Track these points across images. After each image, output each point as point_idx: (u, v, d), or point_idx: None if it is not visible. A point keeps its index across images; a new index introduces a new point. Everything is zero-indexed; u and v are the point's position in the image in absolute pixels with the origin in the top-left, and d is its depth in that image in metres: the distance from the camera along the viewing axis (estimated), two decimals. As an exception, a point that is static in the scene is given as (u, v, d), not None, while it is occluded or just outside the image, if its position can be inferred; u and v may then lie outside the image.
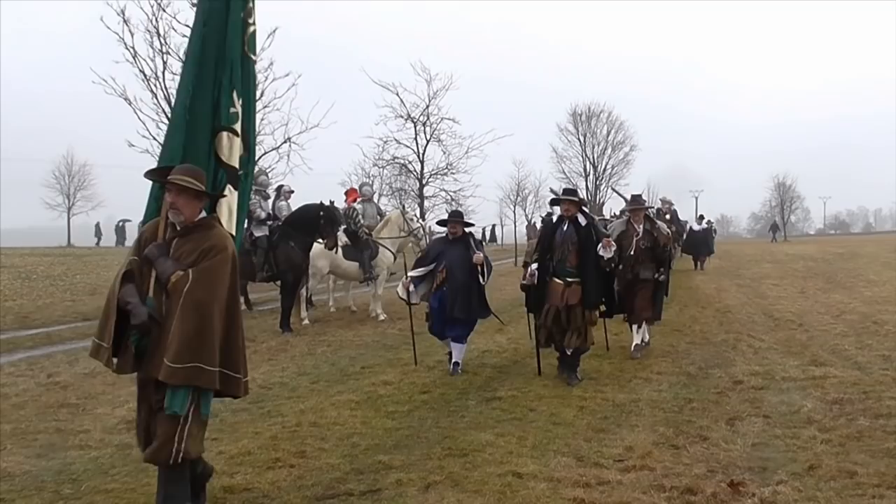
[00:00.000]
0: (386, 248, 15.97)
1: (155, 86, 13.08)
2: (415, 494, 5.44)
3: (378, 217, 17.29)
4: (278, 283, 14.68)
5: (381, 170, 26.23)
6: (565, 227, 9.25)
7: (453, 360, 9.88)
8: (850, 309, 15.71)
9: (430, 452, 6.41)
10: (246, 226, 15.32)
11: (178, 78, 13.35)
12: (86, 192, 62.87)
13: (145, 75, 13.07)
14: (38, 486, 5.86)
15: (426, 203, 24.53)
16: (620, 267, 10.32)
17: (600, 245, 9.07)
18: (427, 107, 23.85)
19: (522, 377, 9.50)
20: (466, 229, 10.09)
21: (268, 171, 15.63)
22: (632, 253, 10.74)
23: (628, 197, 15.96)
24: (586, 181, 47.60)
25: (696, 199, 66.03)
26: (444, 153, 24.78)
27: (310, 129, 14.74)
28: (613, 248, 9.18)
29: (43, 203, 60.77)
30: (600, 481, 5.69)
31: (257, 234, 14.45)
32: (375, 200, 20.30)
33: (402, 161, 24.91)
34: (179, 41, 13.17)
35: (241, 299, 19.34)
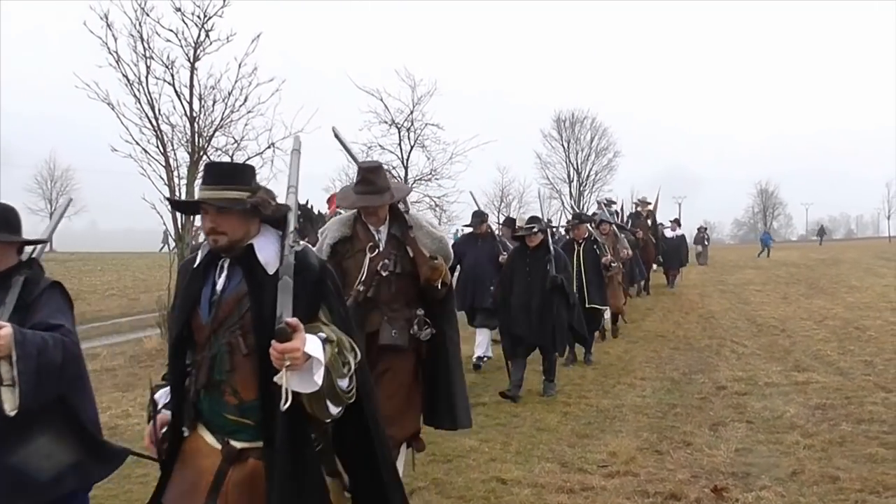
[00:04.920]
0: None
1: (138, 90, 12.99)
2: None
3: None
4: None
5: (366, 175, 26.14)
6: (220, 284, 2.95)
7: None
8: (833, 314, 15.80)
9: (415, 458, 6.39)
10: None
11: (161, 83, 13.33)
12: (68, 197, 62.61)
13: (128, 80, 12.98)
14: (18, 494, 5.80)
15: (410, 209, 24.43)
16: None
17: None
18: (411, 112, 23.77)
19: (506, 383, 9.46)
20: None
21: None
22: (360, 289, 4.81)
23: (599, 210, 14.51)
24: (570, 187, 47.63)
25: (680, 205, 66.16)
26: (429, 159, 24.71)
27: (294, 134, 14.66)
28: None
29: (25, 208, 60.43)
30: (584, 487, 5.70)
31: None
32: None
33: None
34: (163, 46, 13.10)
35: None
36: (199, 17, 13.10)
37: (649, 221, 21.36)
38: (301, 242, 2.93)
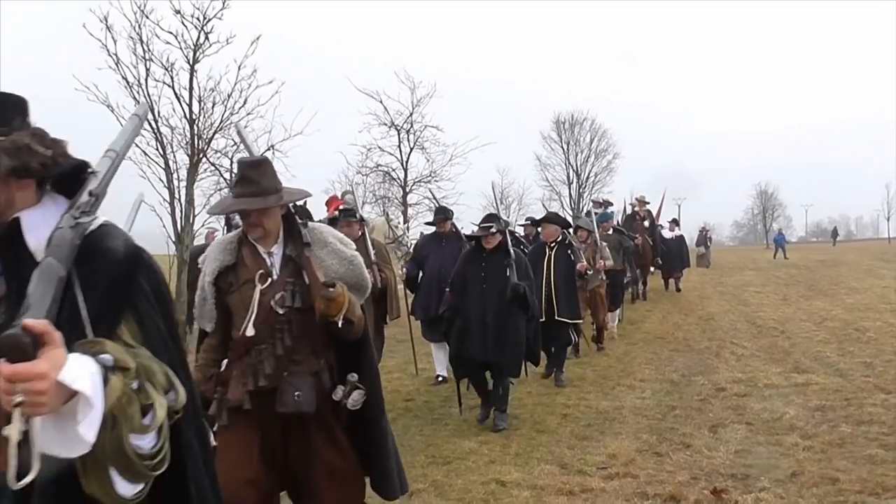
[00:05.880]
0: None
1: (137, 93, 13.03)
2: (398, 502, 5.42)
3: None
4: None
5: (365, 177, 26.24)
6: None
7: None
8: (832, 316, 15.78)
9: (414, 460, 6.38)
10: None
11: (160, 85, 13.34)
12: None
13: (128, 82, 13.02)
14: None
15: (410, 211, 24.52)
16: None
17: None
18: (411, 114, 23.85)
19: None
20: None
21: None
22: (250, 335, 3.55)
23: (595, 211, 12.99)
24: (570, 189, 47.69)
25: (679, 206, 66.08)
26: (428, 161, 24.84)
27: (293, 136, 14.71)
28: None
29: (24, 210, 60.37)
30: (584, 489, 5.70)
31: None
32: (359, 208, 20.26)
33: (385, 169, 24.90)
34: (162, 48, 13.14)
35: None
36: (198, 19, 13.15)
37: (646, 223, 20.24)
38: (101, 218, 1.89)
